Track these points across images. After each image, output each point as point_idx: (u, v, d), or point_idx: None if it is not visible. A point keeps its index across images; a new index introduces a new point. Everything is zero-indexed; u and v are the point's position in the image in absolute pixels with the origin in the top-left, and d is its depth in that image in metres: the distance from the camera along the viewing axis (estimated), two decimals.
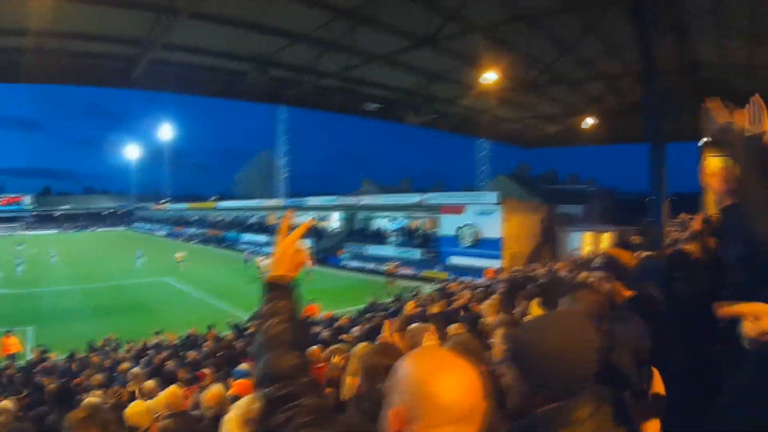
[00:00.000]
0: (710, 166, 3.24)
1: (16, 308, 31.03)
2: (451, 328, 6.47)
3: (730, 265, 3.35)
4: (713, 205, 3.56)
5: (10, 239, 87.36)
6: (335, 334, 14.16)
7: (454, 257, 40.50)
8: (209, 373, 10.31)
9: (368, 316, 18.26)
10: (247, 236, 68.41)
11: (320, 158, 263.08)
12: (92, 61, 20.57)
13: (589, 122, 29.38)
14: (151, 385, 8.35)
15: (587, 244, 38.90)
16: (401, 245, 47.12)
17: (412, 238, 47.72)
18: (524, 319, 6.48)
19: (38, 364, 17.42)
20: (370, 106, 29.56)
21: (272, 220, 69.10)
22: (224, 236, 74.39)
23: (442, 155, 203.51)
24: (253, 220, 74.40)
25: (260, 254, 50.69)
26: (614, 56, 21.13)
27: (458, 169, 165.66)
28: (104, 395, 9.18)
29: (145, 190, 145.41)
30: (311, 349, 9.79)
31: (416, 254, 44.47)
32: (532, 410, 1.91)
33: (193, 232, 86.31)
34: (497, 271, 28.96)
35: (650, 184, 17.37)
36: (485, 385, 1.50)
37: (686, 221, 13.20)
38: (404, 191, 64.57)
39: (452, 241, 40.99)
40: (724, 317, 2.03)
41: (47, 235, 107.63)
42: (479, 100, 28.33)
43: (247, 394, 4.34)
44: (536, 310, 5.43)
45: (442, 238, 42.66)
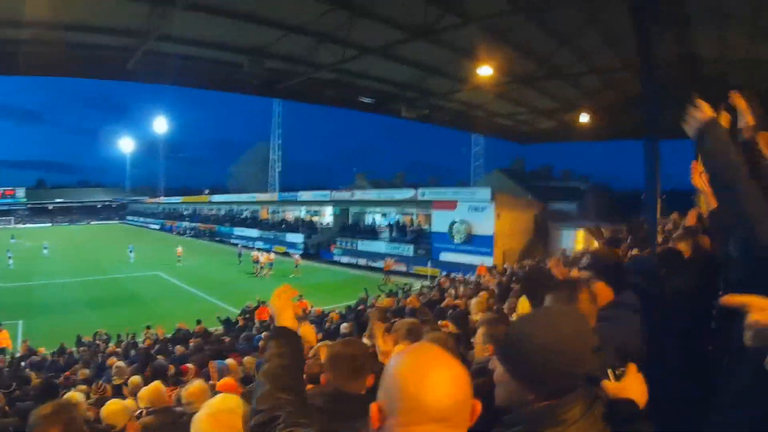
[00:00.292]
0: (701, 165, 3.17)
1: (7, 302, 31.03)
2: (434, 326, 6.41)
3: (723, 263, 3.31)
4: (706, 203, 3.50)
5: (3, 232, 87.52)
6: (324, 330, 14.14)
7: (446, 253, 40.51)
8: (193, 368, 10.22)
9: (360, 309, 18.26)
10: (239, 230, 68.33)
11: (314, 151, 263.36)
12: (87, 52, 20.44)
13: (585, 117, 29.33)
14: (136, 380, 8.26)
15: (581, 241, 38.96)
16: (393, 241, 47.09)
17: (404, 233, 47.68)
18: (512, 316, 6.41)
19: (26, 358, 17.36)
20: (364, 99, 29.53)
21: (265, 214, 69.22)
22: (217, 230, 74.40)
23: (437, 149, 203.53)
24: (246, 214, 74.36)
25: (254, 249, 50.88)
26: (612, 49, 21.05)
27: (453, 163, 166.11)
28: (89, 390, 9.09)
29: (139, 183, 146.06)
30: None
31: (408, 250, 44.44)
32: (521, 407, 1.84)
33: (186, 225, 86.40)
34: (489, 268, 29.00)
35: (644, 180, 17.32)
36: (469, 386, 1.46)
37: (677, 220, 13.20)
38: (398, 186, 64.71)
39: (444, 237, 41.04)
40: (728, 306, 2.00)
41: (41, 228, 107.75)
42: (475, 94, 28.29)
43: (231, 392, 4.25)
44: (524, 307, 5.36)
45: (434, 234, 42.77)
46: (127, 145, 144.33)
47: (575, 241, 39.55)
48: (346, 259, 49.53)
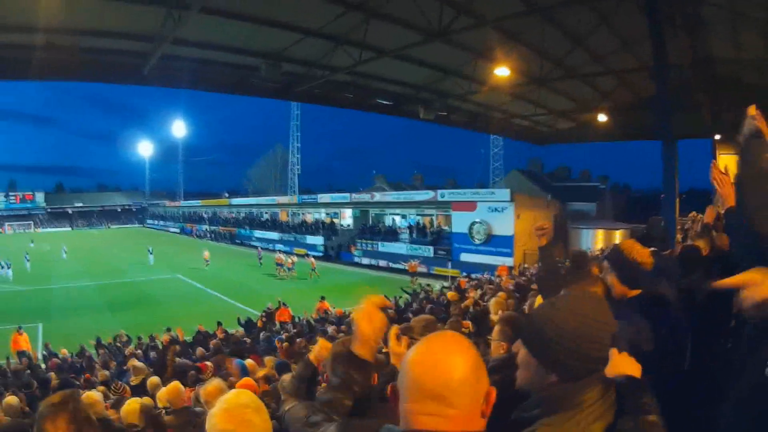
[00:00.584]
0: (720, 164, 3.17)
1: (26, 305, 31.30)
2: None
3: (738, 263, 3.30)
4: (723, 202, 3.49)
5: (23, 236, 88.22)
6: (347, 331, 14.15)
7: (465, 254, 40.42)
8: (211, 365, 10.26)
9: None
10: (259, 233, 68.39)
11: (332, 154, 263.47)
12: (104, 57, 20.56)
13: (602, 118, 29.22)
14: (155, 381, 8.31)
15: (599, 241, 38.83)
16: (413, 242, 47.02)
17: (424, 234, 47.62)
18: None
19: (47, 360, 17.48)
20: (381, 101, 29.55)
21: (284, 216, 69.35)
22: (237, 232, 74.53)
23: (454, 151, 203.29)
24: (265, 216, 74.43)
25: (275, 251, 50.97)
26: (627, 50, 20.97)
27: (471, 165, 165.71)
28: (107, 391, 9.15)
29: (157, 186, 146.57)
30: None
31: (428, 251, 44.36)
32: (541, 389, 1.88)
33: (206, 228, 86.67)
34: (510, 268, 28.94)
35: (662, 180, 17.26)
36: (476, 371, 1.51)
37: (696, 219, 13.15)
38: (416, 188, 64.67)
39: (464, 238, 40.95)
40: (720, 289, 2.03)
41: (60, 232, 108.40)
42: (492, 95, 28.24)
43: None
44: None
45: (454, 234, 42.64)
46: (145, 149, 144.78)
47: (594, 240, 39.40)
48: (366, 260, 49.49)
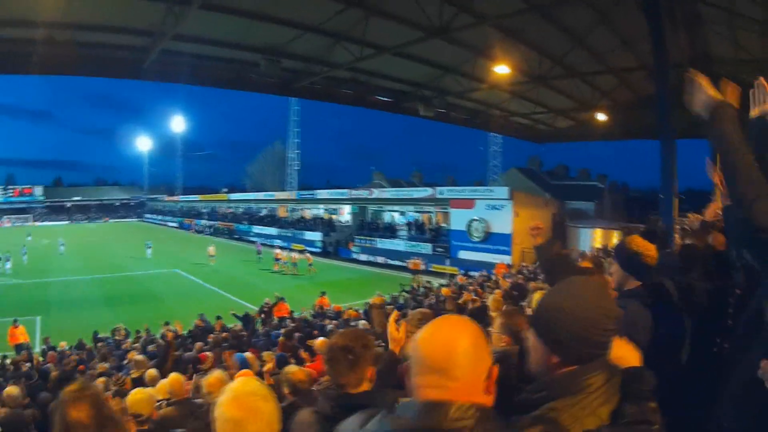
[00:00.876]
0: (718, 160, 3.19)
1: (24, 298, 31.28)
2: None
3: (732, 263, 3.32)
4: (722, 199, 3.50)
5: (21, 230, 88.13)
6: (343, 326, 14.20)
7: (464, 252, 40.44)
8: (211, 355, 10.29)
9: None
10: (258, 228, 68.34)
11: (331, 151, 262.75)
12: (103, 51, 20.61)
13: (601, 116, 29.25)
14: (153, 373, 8.35)
15: (597, 240, 38.82)
16: (412, 239, 47.00)
17: (422, 232, 47.62)
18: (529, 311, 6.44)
19: (46, 353, 17.48)
20: (381, 98, 29.57)
21: (283, 212, 69.30)
22: (235, 228, 74.46)
23: (453, 148, 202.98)
24: (264, 212, 74.50)
25: (275, 247, 50.96)
26: (626, 49, 21.01)
27: (470, 162, 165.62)
28: (108, 382, 9.19)
29: (156, 181, 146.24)
30: (319, 340, 9.80)
31: (427, 248, 44.37)
32: (546, 373, 1.92)
33: (204, 223, 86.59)
34: (508, 266, 28.95)
35: (661, 180, 17.27)
36: (478, 348, 1.62)
37: (693, 219, 13.19)
38: (415, 185, 64.64)
39: (462, 235, 40.95)
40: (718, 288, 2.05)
41: (58, 226, 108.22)
42: (491, 93, 28.29)
43: None
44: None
45: (452, 232, 42.63)
46: (144, 144, 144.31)
47: (593, 240, 39.41)
48: (364, 257, 49.49)
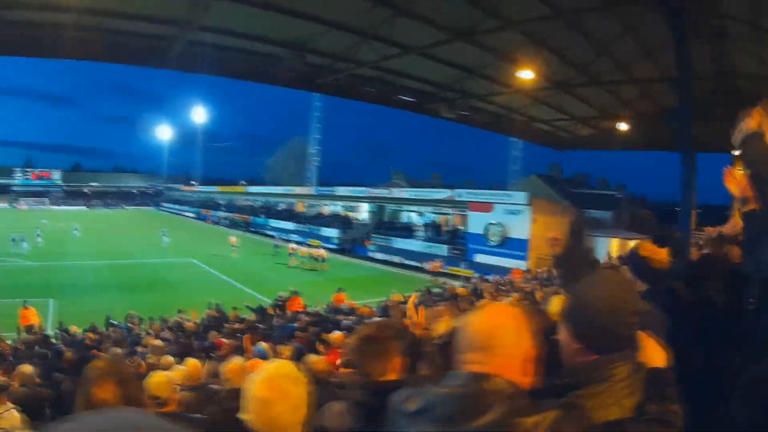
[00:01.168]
0: (735, 170, 3.22)
1: (37, 280, 31.60)
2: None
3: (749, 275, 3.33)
4: (740, 208, 3.50)
5: (37, 213, 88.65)
6: (358, 322, 14.25)
7: (480, 255, 40.34)
8: (227, 342, 10.36)
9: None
10: (275, 222, 68.42)
11: (352, 148, 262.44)
12: (129, 39, 20.71)
13: (622, 126, 29.13)
14: (170, 359, 8.41)
15: (615, 249, 38.65)
16: (428, 240, 46.92)
17: (439, 233, 47.55)
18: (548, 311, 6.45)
19: (66, 337, 17.57)
20: (404, 98, 29.56)
21: (301, 207, 69.35)
22: (252, 221, 74.52)
23: (474, 151, 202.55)
24: (282, 206, 74.62)
25: (291, 242, 51.01)
26: (650, 60, 20.91)
27: (489, 166, 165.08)
28: None
29: (175, 171, 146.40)
30: (335, 334, 9.86)
31: (443, 250, 44.29)
32: (572, 362, 2.02)
33: (221, 215, 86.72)
34: (525, 271, 28.88)
35: (681, 192, 17.20)
36: (521, 332, 1.76)
37: (711, 232, 13.13)
38: (434, 186, 64.57)
39: (479, 238, 40.87)
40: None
41: (75, 211, 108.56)
42: (514, 97, 28.23)
43: None
44: (557, 306, 5.35)
45: (469, 235, 42.52)
46: (164, 133, 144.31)
47: (609, 249, 39.26)
48: (380, 255, 49.37)
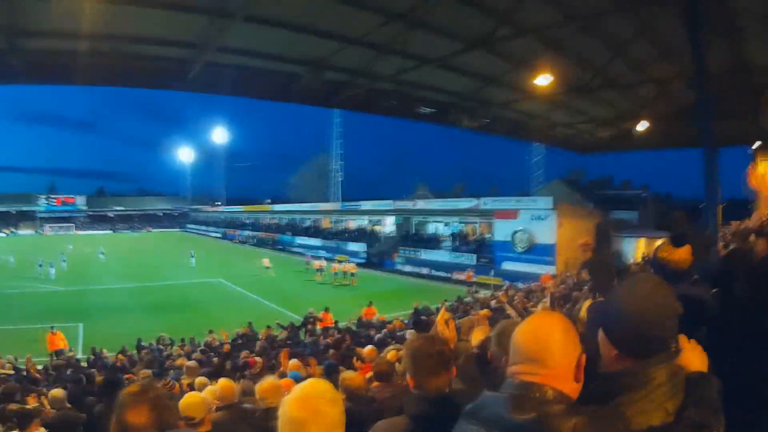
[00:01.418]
0: (760, 168, 3.23)
1: (66, 304, 31.98)
2: None
3: None
4: (764, 208, 3.47)
5: (61, 238, 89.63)
6: (389, 335, 14.29)
7: (508, 263, 40.21)
8: (259, 361, 10.41)
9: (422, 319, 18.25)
10: (301, 239, 68.55)
11: (374, 162, 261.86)
12: (147, 63, 20.88)
13: (642, 126, 28.97)
14: (203, 380, 8.47)
15: (641, 250, 38.40)
16: (456, 250, 46.88)
17: (466, 243, 47.42)
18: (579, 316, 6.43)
19: (95, 361, 17.72)
20: (424, 109, 29.55)
21: (327, 223, 69.49)
22: (278, 239, 74.66)
23: (496, 160, 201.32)
24: (308, 223, 74.76)
25: (321, 258, 51.09)
26: (667, 59, 20.80)
27: (513, 173, 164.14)
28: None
29: (199, 192, 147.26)
30: (367, 348, 9.90)
31: (471, 259, 44.18)
32: (609, 367, 2.02)
33: (247, 234, 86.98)
34: (553, 276, 28.78)
35: (705, 189, 17.10)
36: (568, 341, 1.80)
37: (736, 226, 13.07)
38: (458, 196, 64.52)
39: (506, 246, 40.76)
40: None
41: (100, 235, 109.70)
42: (534, 103, 28.14)
43: None
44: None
45: (496, 243, 42.46)
46: (187, 154, 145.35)
47: (636, 249, 38.99)
48: (408, 268, 49.44)
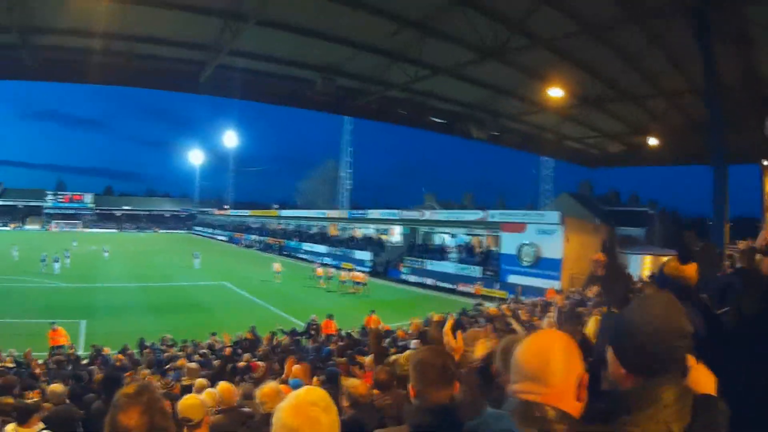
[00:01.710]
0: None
1: (70, 301, 31.91)
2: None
3: None
4: None
5: (67, 235, 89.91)
6: (391, 345, 14.19)
7: (513, 276, 40.05)
8: (262, 365, 10.34)
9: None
10: (308, 245, 68.56)
11: (383, 170, 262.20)
12: (160, 64, 21.01)
13: (653, 141, 28.90)
14: (203, 382, 8.41)
15: (647, 267, 38.26)
16: (462, 261, 46.74)
17: (472, 254, 47.35)
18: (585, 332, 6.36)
19: (95, 358, 17.68)
20: (435, 119, 29.54)
21: (333, 230, 69.49)
22: (285, 244, 74.70)
23: (504, 171, 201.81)
24: (314, 229, 74.90)
25: (325, 265, 51.10)
26: (678, 72, 20.71)
27: (521, 185, 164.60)
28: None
29: (207, 194, 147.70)
30: (369, 357, 9.80)
31: (476, 271, 44.08)
32: (617, 385, 1.99)
33: (254, 238, 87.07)
34: (559, 291, 28.65)
35: (713, 206, 17.04)
36: (570, 359, 1.76)
37: (743, 245, 12.94)
38: (466, 207, 64.45)
39: (512, 259, 40.62)
40: None
41: (106, 233, 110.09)
42: (544, 116, 28.12)
43: None
44: (594, 327, 5.28)
45: (502, 255, 42.28)
46: (196, 157, 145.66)
47: (642, 266, 38.86)
48: (413, 278, 49.17)
